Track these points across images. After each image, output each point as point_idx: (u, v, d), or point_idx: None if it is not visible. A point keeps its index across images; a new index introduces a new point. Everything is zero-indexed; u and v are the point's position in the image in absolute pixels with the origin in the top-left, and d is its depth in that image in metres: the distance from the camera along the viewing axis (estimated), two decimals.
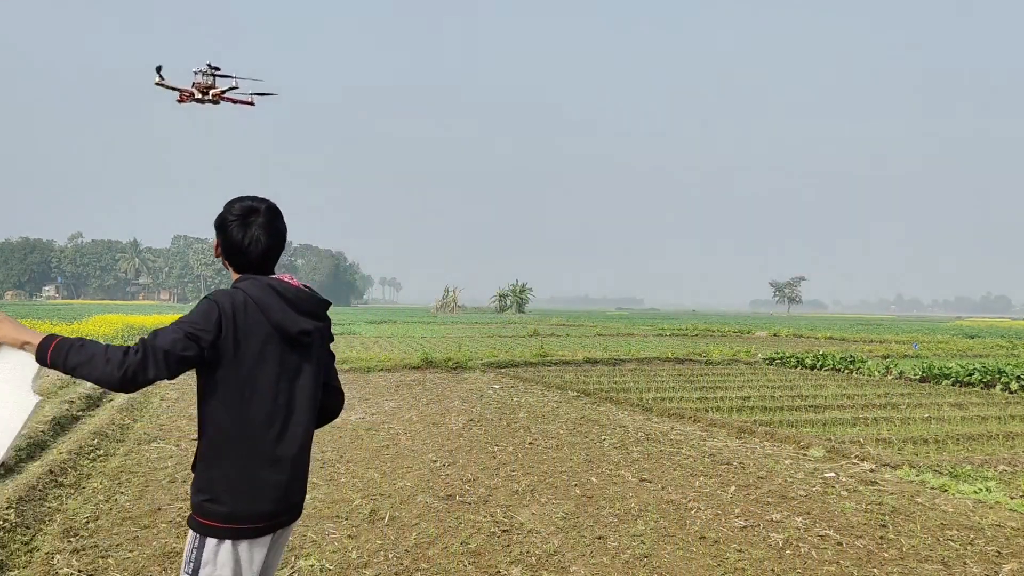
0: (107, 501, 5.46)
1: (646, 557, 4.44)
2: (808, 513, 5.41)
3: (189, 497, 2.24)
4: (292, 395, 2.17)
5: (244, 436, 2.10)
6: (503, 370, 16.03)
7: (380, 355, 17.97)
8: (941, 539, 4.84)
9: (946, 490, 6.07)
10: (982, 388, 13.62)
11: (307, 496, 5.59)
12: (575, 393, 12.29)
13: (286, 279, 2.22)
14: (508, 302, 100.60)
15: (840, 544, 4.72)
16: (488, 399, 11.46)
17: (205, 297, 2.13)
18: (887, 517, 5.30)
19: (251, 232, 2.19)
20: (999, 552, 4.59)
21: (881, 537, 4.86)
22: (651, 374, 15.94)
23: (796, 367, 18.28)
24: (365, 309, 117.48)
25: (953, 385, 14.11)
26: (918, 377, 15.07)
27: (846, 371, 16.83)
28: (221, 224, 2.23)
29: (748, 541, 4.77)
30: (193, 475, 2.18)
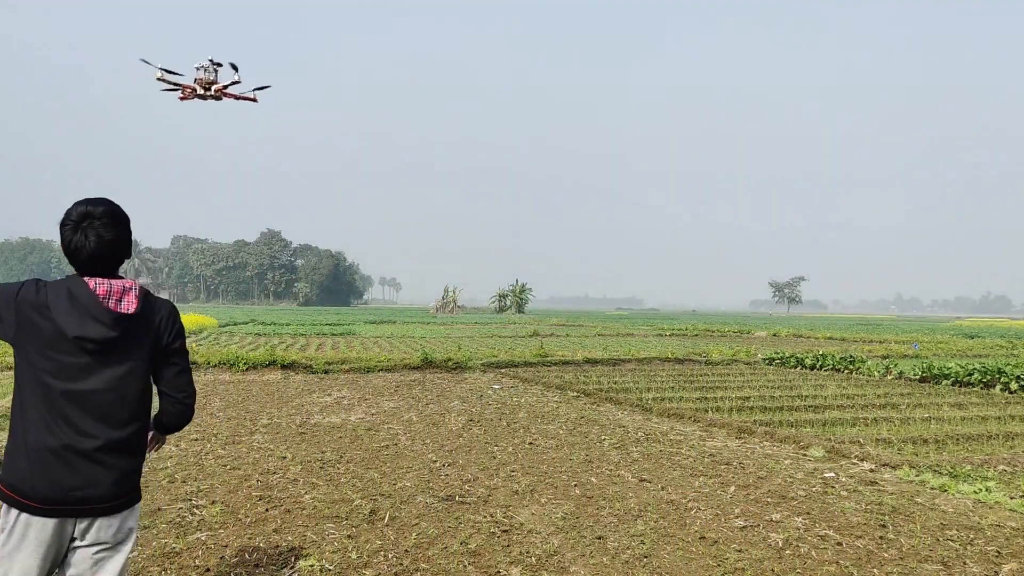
0: None
1: (646, 557, 4.44)
2: (808, 513, 5.41)
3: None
4: (74, 395, 2.19)
5: (21, 419, 2.21)
6: (503, 370, 16.03)
7: (380, 355, 17.97)
8: (941, 539, 4.84)
9: (946, 490, 6.07)
10: (982, 388, 13.62)
11: (307, 496, 5.61)
12: (575, 393, 12.29)
13: (102, 284, 2.22)
14: (508, 302, 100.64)
15: (840, 544, 4.72)
16: (488, 399, 11.46)
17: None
18: (887, 517, 5.30)
19: (77, 237, 2.22)
20: (999, 552, 4.59)
21: (881, 537, 4.86)
22: (651, 374, 15.94)
23: (796, 367, 18.29)
24: (365, 309, 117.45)
25: (953, 385, 14.11)
26: (918, 377, 15.07)
27: (846, 371, 16.83)
28: (60, 225, 2.28)
29: (748, 541, 4.77)
30: None
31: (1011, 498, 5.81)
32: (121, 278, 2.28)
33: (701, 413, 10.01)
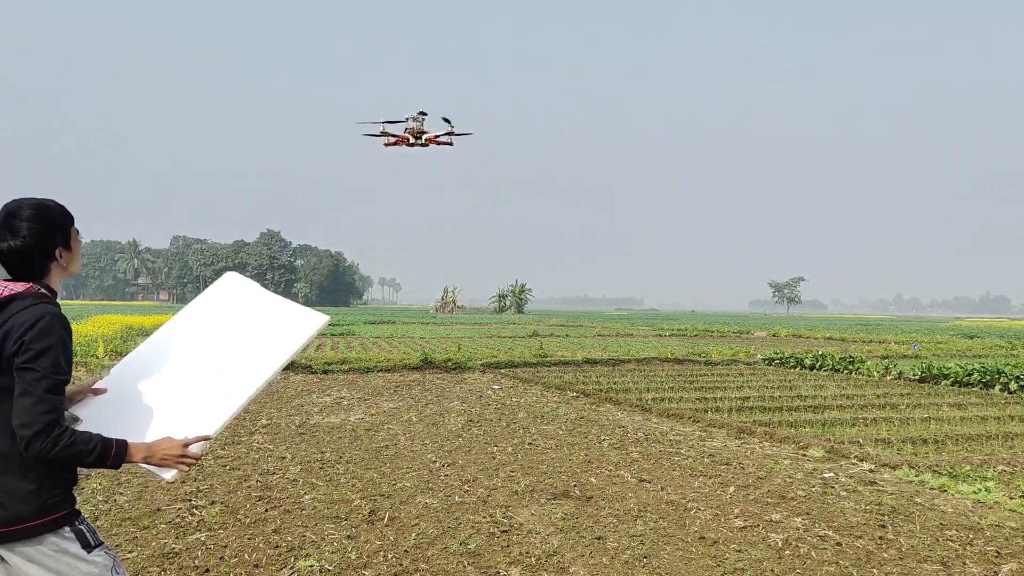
0: (106, 502, 5.46)
1: (645, 557, 4.44)
2: (807, 513, 5.41)
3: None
4: None
5: None
6: (502, 370, 16.03)
7: (379, 355, 17.97)
8: (940, 539, 4.84)
9: (945, 490, 6.07)
10: (981, 388, 13.62)
11: (306, 496, 5.61)
12: (574, 393, 12.29)
13: None
14: (507, 302, 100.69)
15: (839, 544, 4.72)
16: (487, 399, 11.46)
17: None
18: (886, 517, 5.31)
19: None
20: (998, 552, 4.60)
21: (880, 537, 4.86)
22: (650, 374, 15.94)
23: (795, 367, 18.29)
24: (364, 309, 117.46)
25: (952, 385, 14.11)
26: (917, 377, 15.08)
27: (845, 371, 16.84)
28: None
29: (747, 541, 4.77)
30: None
31: (1010, 498, 5.81)
32: (25, 283, 2.09)
33: (701, 413, 10.01)
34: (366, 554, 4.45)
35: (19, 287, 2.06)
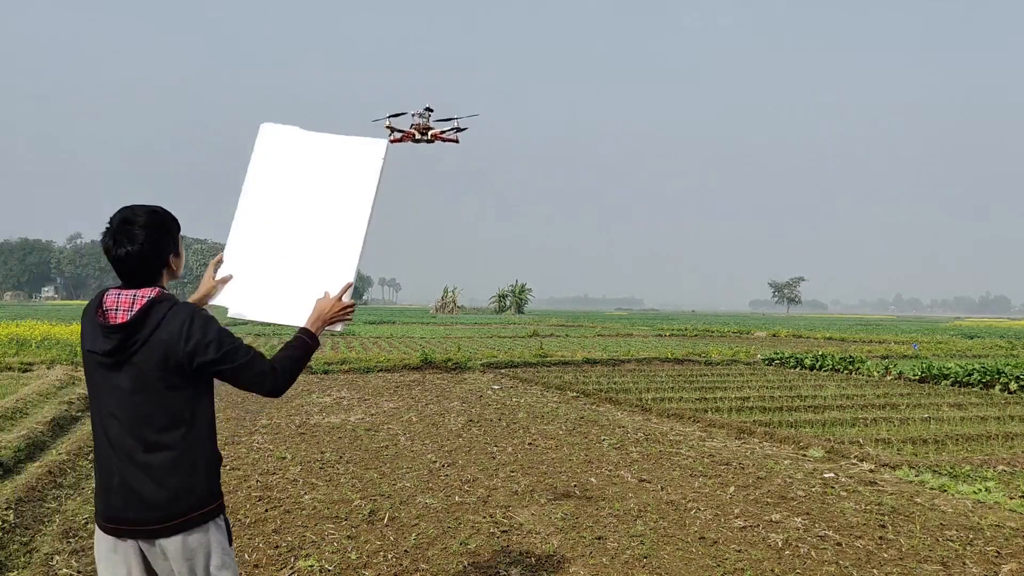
0: None
1: (646, 558, 4.44)
2: (807, 513, 5.41)
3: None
4: (112, 409, 2.12)
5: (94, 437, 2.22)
6: (502, 370, 16.03)
7: (379, 355, 17.96)
8: (940, 539, 4.84)
9: (945, 490, 6.07)
10: (981, 388, 13.62)
11: (306, 496, 5.61)
12: (574, 393, 12.29)
13: (116, 295, 2.14)
14: (507, 302, 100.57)
15: (839, 544, 4.72)
16: (487, 400, 11.46)
17: None
18: (886, 517, 5.30)
19: (104, 241, 2.17)
20: (998, 552, 4.60)
21: (880, 537, 4.86)
22: (650, 374, 15.94)
23: (795, 367, 18.29)
24: (364, 309, 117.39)
25: (952, 385, 14.11)
26: (917, 377, 15.08)
27: (845, 371, 16.83)
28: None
29: (747, 541, 4.77)
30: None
31: (1010, 498, 5.81)
32: (157, 288, 2.17)
33: (701, 413, 10.00)
34: (366, 554, 4.45)
35: (148, 293, 2.14)
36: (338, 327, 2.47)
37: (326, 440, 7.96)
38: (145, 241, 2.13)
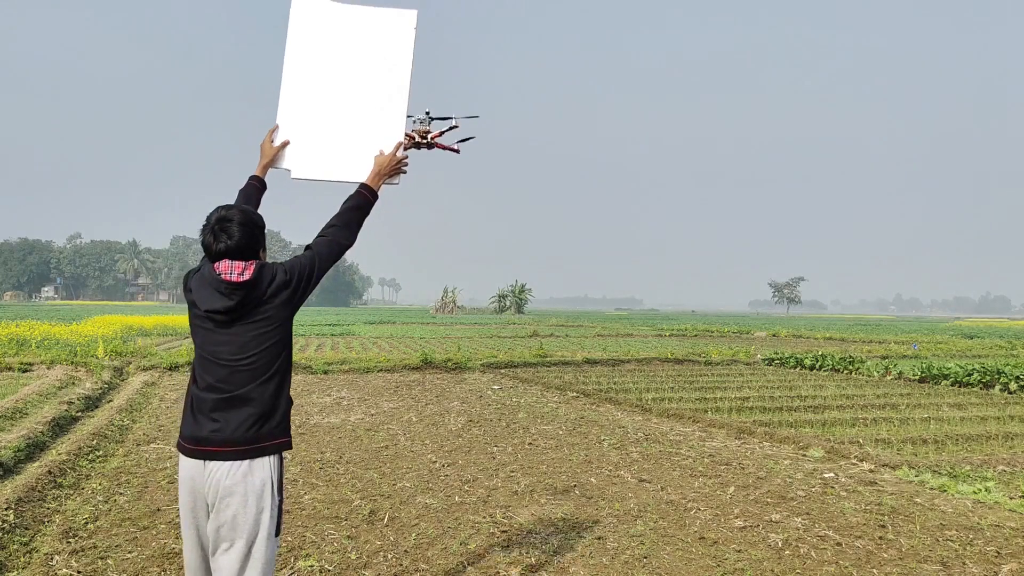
0: (106, 502, 5.46)
1: (645, 558, 4.44)
2: (807, 513, 5.41)
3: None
4: (217, 355, 2.50)
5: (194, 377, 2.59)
6: (502, 371, 16.03)
7: (379, 356, 17.97)
8: (940, 539, 4.84)
9: (945, 490, 6.07)
10: (981, 388, 13.62)
11: (306, 496, 5.61)
12: (574, 394, 12.29)
13: (227, 263, 2.50)
14: (507, 303, 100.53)
15: (839, 544, 4.72)
16: (487, 400, 11.46)
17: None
18: (886, 517, 5.30)
19: (206, 238, 2.55)
20: (998, 552, 4.60)
21: (880, 537, 4.86)
22: (650, 374, 15.94)
23: (795, 367, 18.29)
24: (364, 309, 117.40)
25: (952, 385, 14.11)
26: (917, 377, 15.08)
27: (845, 371, 16.84)
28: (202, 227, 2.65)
29: (747, 541, 4.77)
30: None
31: (1010, 498, 5.81)
32: (255, 260, 2.56)
33: (701, 413, 10.00)
34: (366, 554, 4.45)
35: (252, 263, 2.52)
36: (396, 179, 2.87)
37: (326, 440, 7.96)
38: (240, 236, 2.50)
